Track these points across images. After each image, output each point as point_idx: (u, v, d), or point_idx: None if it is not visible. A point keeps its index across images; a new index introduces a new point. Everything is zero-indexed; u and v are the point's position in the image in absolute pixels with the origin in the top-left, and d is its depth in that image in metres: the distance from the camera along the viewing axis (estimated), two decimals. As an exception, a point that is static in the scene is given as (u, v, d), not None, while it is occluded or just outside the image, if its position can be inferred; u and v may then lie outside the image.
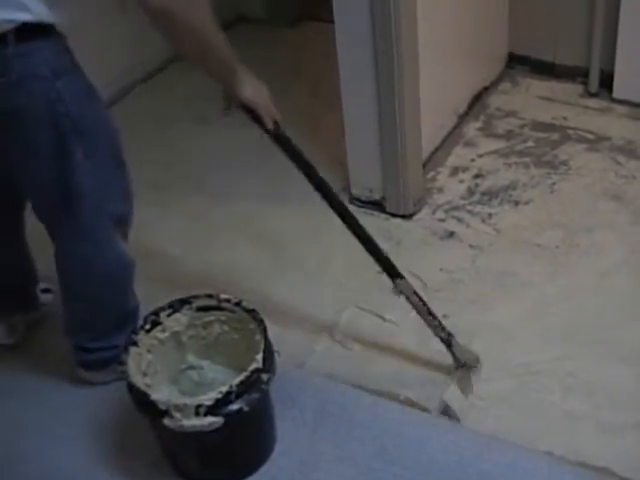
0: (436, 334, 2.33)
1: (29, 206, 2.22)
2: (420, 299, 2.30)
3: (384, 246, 2.75)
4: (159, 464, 2.19)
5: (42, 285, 2.66)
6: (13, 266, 2.50)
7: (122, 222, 2.23)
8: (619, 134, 3.24)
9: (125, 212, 2.23)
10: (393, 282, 2.31)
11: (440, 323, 2.31)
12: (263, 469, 2.17)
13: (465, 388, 2.34)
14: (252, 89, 2.09)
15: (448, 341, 2.33)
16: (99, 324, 2.35)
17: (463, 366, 2.36)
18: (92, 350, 2.37)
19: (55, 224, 2.19)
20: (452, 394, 2.33)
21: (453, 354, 2.35)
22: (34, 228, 2.26)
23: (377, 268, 2.67)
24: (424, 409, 2.29)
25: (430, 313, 2.30)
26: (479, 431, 2.21)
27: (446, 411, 2.30)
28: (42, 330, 2.64)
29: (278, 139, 2.20)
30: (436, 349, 2.37)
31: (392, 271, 2.30)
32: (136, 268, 2.32)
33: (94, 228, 2.16)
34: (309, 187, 3.01)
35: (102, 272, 2.24)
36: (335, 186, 3.04)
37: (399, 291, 2.32)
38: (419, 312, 2.31)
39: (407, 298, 2.31)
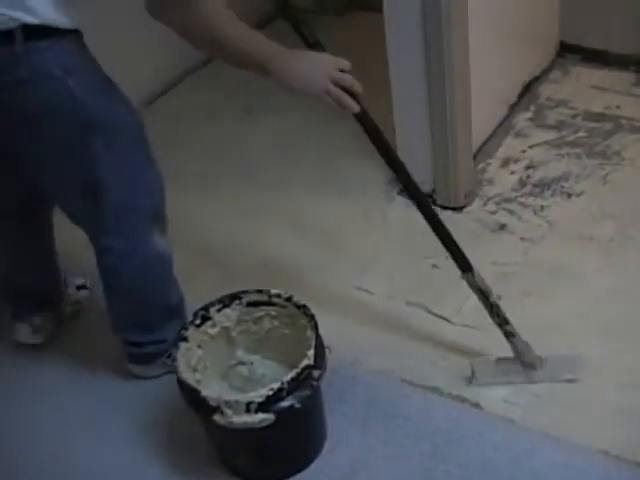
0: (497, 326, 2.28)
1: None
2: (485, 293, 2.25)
3: (434, 238, 2.75)
4: (209, 460, 2.19)
5: (78, 281, 2.69)
6: (33, 269, 2.50)
7: (155, 215, 2.21)
8: (673, 123, 3.17)
9: (157, 205, 2.21)
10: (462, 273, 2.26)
11: (503, 319, 2.26)
12: (313, 466, 2.16)
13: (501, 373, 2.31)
14: (298, 78, 1.97)
15: (508, 334, 2.27)
16: (143, 320, 2.35)
17: (525, 365, 2.30)
18: (140, 344, 2.37)
19: (87, 223, 2.19)
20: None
21: (512, 348, 2.29)
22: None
23: (430, 262, 2.67)
24: (476, 405, 2.26)
25: (493, 309, 2.25)
26: (532, 428, 2.17)
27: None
28: (87, 325, 2.66)
29: (358, 118, 2.07)
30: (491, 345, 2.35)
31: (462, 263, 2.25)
32: (175, 261, 2.31)
33: (125, 223, 2.15)
34: (359, 176, 2.99)
35: (139, 267, 2.23)
36: (384, 178, 3.04)
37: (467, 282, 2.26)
38: (484, 306, 2.27)
39: (474, 290, 2.26)
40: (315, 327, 2.06)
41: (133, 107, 2.12)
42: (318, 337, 2.05)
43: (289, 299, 2.15)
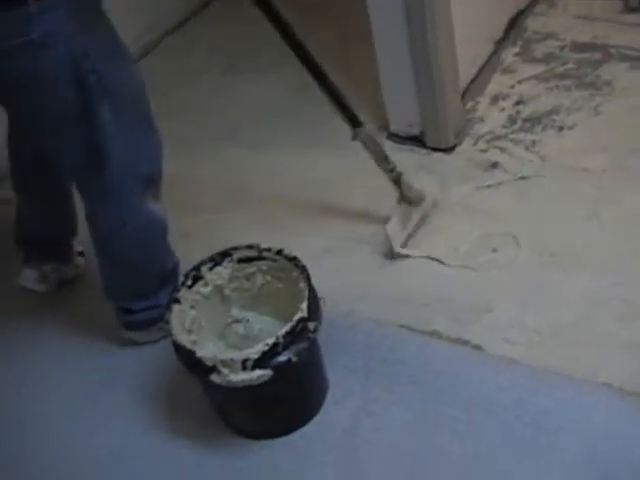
0: (387, 174, 2.53)
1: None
2: (376, 144, 2.51)
3: (427, 180, 2.72)
4: (211, 420, 2.17)
5: (78, 248, 2.65)
6: (55, 218, 2.51)
7: (152, 182, 2.18)
8: (664, 50, 3.11)
9: (155, 172, 2.18)
10: (353, 130, 2.46)
11: (392, 165, 2.52)
12: (317, 418, 2.15)
13: (405, 221, 2.55)
14: None
15: (396, 178, 2.53)
16: (138, 286, 2.32)
17: (409, 202, 2.57)
18: (135, 311, 2.34)
19: (84, 186, 2.16)
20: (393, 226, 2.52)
21: (400, 190, 2.54)
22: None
23: (424, 206, 2.64)
24: (477, 347, 2.23)
25: (386, 158, 2.51)
26: (535, 367, 2.15)
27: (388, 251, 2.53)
28: (84, 292, 2.63)
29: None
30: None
31: (353, 120, 2.45)
32: (169, 226, 2.28)
33: (123, 190, 2.12)
34: (343, 129, 2.94)
35: (133, 234, 2.20)
36: (372, 124, 2.99)
37: (358, 138, 2.47)
38: (375, 158, 2.51)
39: (365, 144, 2.48)
40: (307, 279, 2.03)
41: (137, 69, 2.09)
42: (311, 289, 2.02)
43: (279, 252, 2.12)
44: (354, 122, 2.45)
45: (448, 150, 2.85)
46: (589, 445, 1.96)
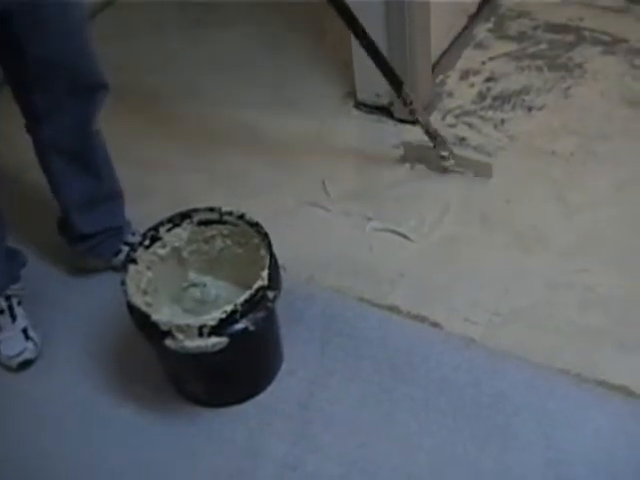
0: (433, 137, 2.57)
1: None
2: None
3: (393, 153, 2.67)
4: (162, 386, 2.14)
5: None
6: None
7: None
8: (637, 36, 3.08)
9: None
10: (399, 91, 2.48)
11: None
12: (270, 389, 2.12)
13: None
14: None
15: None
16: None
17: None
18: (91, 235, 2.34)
19: None
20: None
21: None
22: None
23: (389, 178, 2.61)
24: (435, 324, 2.20)
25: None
26: (493, 348, 2.14)
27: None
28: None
29: None
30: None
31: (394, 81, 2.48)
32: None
33: None
34: (313, 91, 2.88)
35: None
36: (340, 91, 2.94)
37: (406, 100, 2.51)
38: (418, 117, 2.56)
39: (411, 103, 2.51)
40: (269, 246, 1.98)
41: None
42: (272, 256, 1.97)
43: (241, 217, 2.06)
44: (395, 83, 2.48)
45: (416, 123, 2.79)
46: (544, 430, 1.96)
